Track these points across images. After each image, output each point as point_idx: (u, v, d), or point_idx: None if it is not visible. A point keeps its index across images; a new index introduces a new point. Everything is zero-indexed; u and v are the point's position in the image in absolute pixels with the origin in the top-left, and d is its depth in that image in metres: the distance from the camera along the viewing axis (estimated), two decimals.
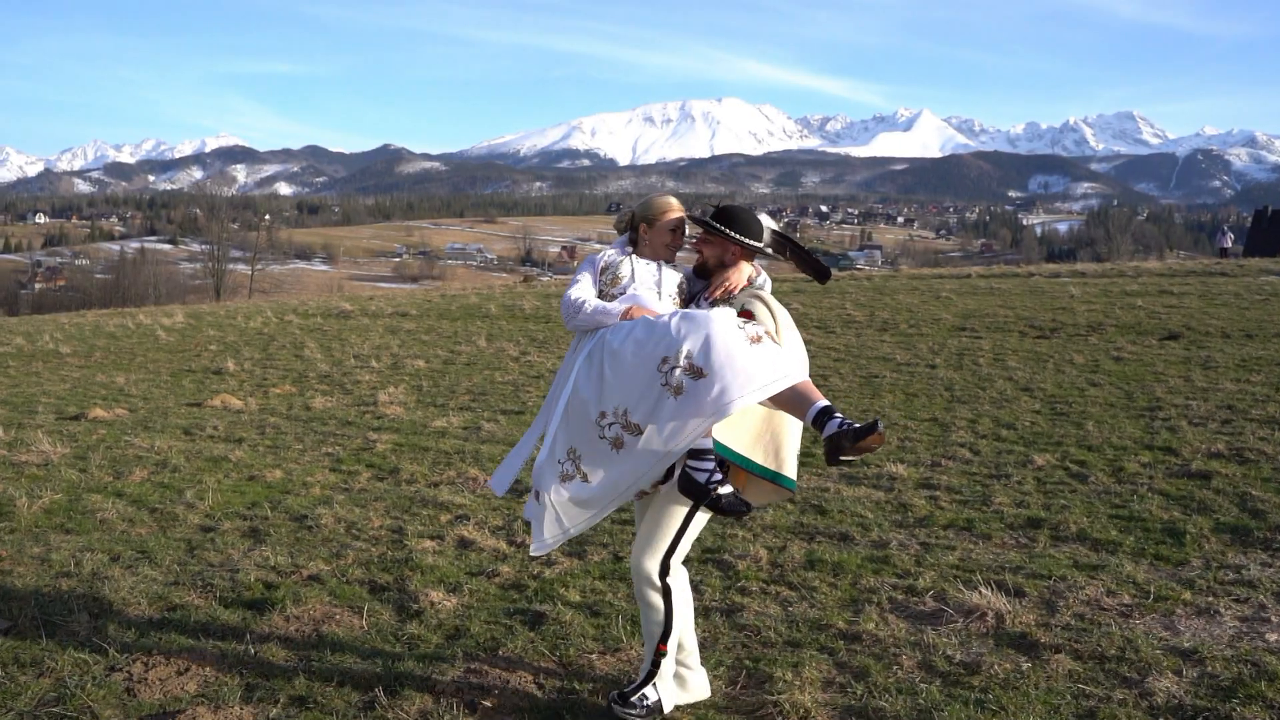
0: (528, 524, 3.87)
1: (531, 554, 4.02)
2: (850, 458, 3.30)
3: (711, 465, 3.53)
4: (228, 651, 4.34)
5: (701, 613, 4.75)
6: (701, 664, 3.93)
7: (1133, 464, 7.42)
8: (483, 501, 6.96)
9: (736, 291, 3.79)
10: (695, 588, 5.09)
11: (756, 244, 3.79)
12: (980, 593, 4.73)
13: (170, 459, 8.42)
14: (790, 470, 3.72)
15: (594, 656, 4.31)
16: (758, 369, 3.38)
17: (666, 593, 3.65)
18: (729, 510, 3.54)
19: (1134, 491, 6.71)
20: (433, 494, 7.16)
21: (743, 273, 3.81)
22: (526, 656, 4.32)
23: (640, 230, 3.94)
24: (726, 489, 3.53)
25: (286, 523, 6.50)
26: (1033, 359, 12.84)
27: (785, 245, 3.90)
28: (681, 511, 3.63)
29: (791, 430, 3.72)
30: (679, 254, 4.02)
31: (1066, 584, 5.03)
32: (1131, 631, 4.40)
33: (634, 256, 3.92)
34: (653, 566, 3.64)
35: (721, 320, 3.46)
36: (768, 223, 3.87)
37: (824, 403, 3.41)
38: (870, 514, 6.42)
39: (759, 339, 3.46)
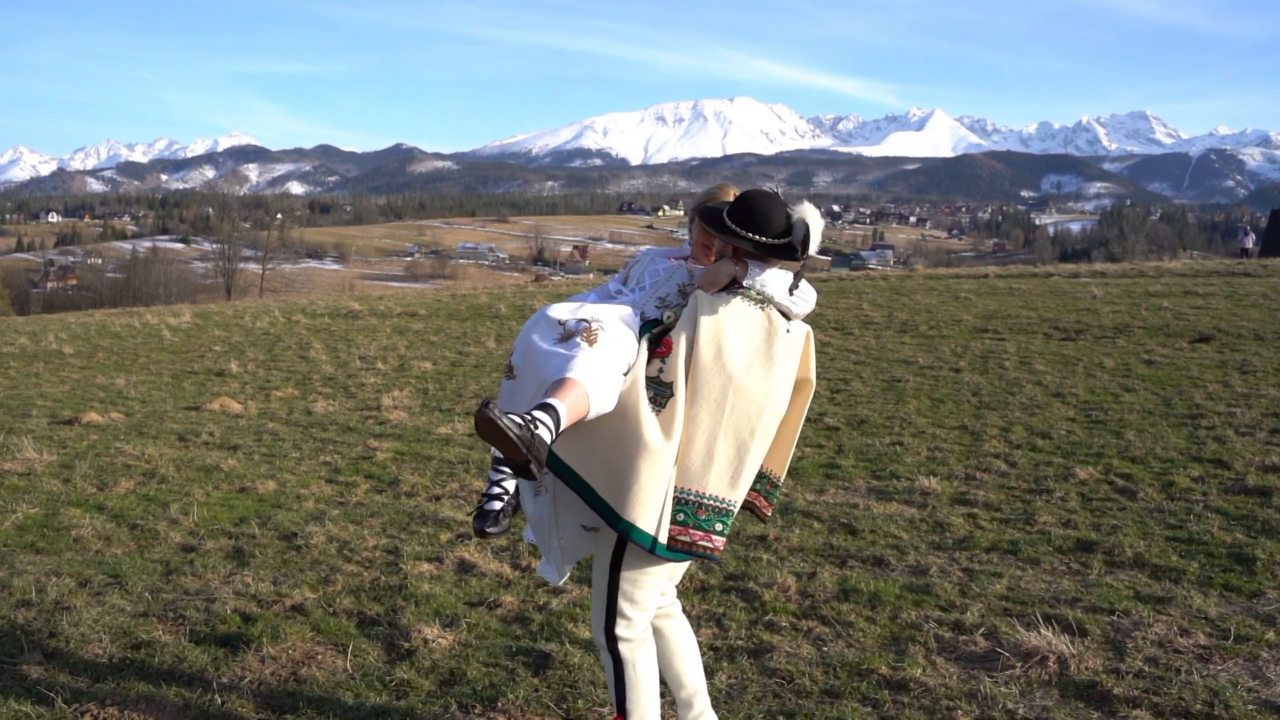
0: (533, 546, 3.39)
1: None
2: (497, 446, 2.69)
3: (497, 478, 3.02)
4: (191, 702, 3.85)
5: (727, 654, 4.26)
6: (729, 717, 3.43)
7: (1183, 478, 6.90)
8: None
9: (703, 293, 3.12)
10: (718, 622, 4.61)
11: (751, 239, 3.10)
12: (1039, 633, 4.21)
13: (159, 468, 7.97)
14: (637, 515, 2.90)
15: (605, 710, 3.80)
16: (550, 372, 2.88)
17: (616, 661, 3.12)
18: (475, 530, 3.00)
19: (1189, 510, 6.19)
20: (433, 509, 6.69)
21: (721, 271, 3.13)
22: (529, 709, 3.82)
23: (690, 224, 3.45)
24: (495, 505, 2.98)
25: (274, 542, 6.03)
26: (1060, 362, 12.30)
27: (804, 249, 3.19)
28: (605, 568, 3.10)
29: (647, 464, 2.90)
30: None
31: (1131, 620, 4.51)
32: (1215, 681, 3.88)
33: (653, 255, 3.43)
34: (597, 630, 3.15)
35: (543, 314, 3.02)
36: (806, 216, 3.19)
37: (545, 400, 2.75)
38: (905, 534, 5.92)
39: (569, 337, 2.92)
